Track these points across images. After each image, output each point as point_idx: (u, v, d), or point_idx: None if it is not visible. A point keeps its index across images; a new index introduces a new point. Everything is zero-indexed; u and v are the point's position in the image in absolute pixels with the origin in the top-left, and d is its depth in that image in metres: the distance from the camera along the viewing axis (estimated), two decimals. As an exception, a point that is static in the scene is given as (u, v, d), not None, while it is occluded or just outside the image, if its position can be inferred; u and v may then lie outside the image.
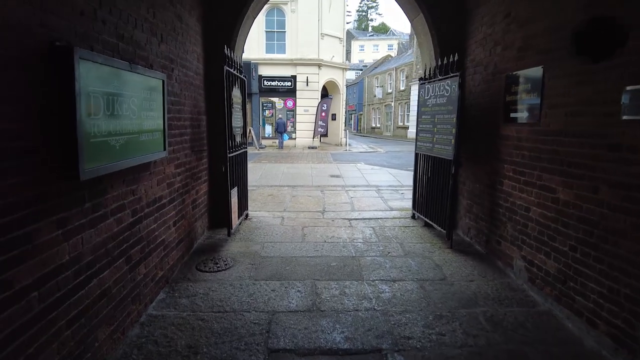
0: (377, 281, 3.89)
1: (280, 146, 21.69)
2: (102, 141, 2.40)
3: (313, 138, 22.61)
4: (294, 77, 22.22)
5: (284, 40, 22.17)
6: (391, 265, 4.31)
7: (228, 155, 4.74)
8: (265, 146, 22.34)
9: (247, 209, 6.10)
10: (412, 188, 6.33)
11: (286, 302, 3.44)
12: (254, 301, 3.44)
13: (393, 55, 53.24)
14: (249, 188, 8.52)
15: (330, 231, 5.49)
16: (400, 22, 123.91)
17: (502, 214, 4.31)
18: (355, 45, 73.49)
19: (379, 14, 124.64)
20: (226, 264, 4.29)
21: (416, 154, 6.04)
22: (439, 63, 5.19)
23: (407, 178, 10.38)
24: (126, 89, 2.74)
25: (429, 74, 5.58)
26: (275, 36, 22.23)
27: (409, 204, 7.25)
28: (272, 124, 23.18)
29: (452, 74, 4.86)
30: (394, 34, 76.61)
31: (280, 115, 22.35)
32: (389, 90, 41.05)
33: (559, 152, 3.34)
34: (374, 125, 46.03)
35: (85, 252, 2.39)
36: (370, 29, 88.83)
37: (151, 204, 3.46)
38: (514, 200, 4.09)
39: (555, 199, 3.37)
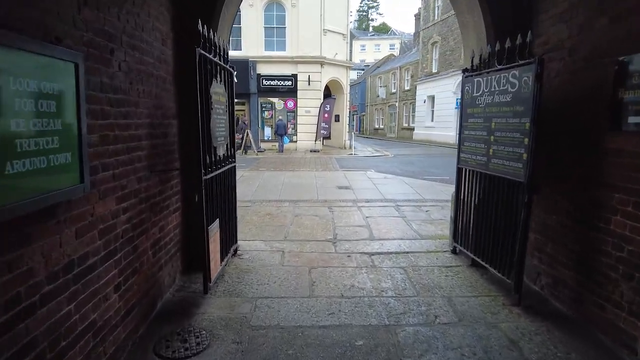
0: (432, 383, 2.46)
1: (281, 150, 20.26)
2: None
3: (315, 141, 21.17)
4: (295, 76, 20.80)
5: (284, 37, 20.75)
6: (445, 344, 2.88)
7: (204, 177, 3.30)
8: (265, 150, 20.91)
9: (236, 242, 4.66)
10: (441, 207, 4.90)
11: None
12: None
13: (396, 55, 51.93)
14: (243, 204, 7.10)
15: (347, 275, 4.06)
16: (401, 22, 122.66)
17: (612, 266, 2.88)
18: (356, 45, 72.26)
19: (380, 14, 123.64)
20: (199, 343, 2.86)
21: (459, 169, 4.61)
22: (497, 48, 3.76)
23: (427, 190, 8.95)
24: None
25: (479, 63, 4.16)
26: (275, 32, 20.82)
27: (441, 228, 5.82)
28: (271, 125, 21.76)
29: (521, 62, 3.43)
30: (395, 34, 75.45)
31: (280, 117, 20.93)
32: (393, 90, 39.66)
33: None
34: (377, 126, 44.63)
35: None
36: (371, 29, 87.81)
37: (62, 272, 2.05)
38: (636, 250, 2.66)
39: None
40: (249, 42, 20.50)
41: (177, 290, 3.72)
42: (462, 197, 4.60)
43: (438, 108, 30.02)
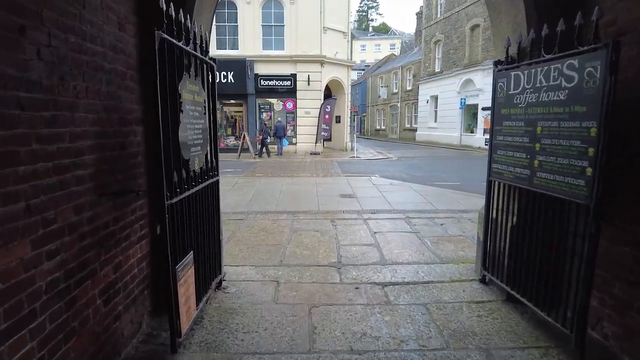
0: None
1: (279, 152, 19.48)
2: None
3: (316, 143, 20.39)
4: (294, 75, 20.02)
5: (283, 35, 19.98)
6: None
7: (169, 201, 2.51)
8: (263, 152, 20.11)
9: (221, 272, 3.86)
10: (457, 220, 4.12)
11: None
12: None
13: (397, 55, 51.22)
14: (236, 217, 6.34)
15: (356, 318, 3.26)
16: (401, 22, 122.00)
17: None
18: (356, 45, 71.66)
19: (380, 14, 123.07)
20: None
21: (491, 182, 3.82)
22: (545, 33, 2.98)
23: (439, 199, 8.16)
24: None
25: (518, 54, 3.37)
26: (273, 30, 20.05)
27: (462, 248, 5.04)
28: (270, 127, 20.95)
29: (583, 49, 2.65)
30: (395, 34, 74.78)
31: (279, 118, 20.15)
32: (395, 91, 38.89)
33: None
34: (378, 127, 43.85)
35: None
36: (370, 29, 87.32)
37: None
38: None
39: None
40: (246, 40, 19.74)
41: (142, 341, 2.93)
42: (493, 215, 3.81)
43: (441, 108, 29.25)
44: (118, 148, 2.71)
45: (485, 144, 23.96)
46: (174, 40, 2.58)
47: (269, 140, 18.27)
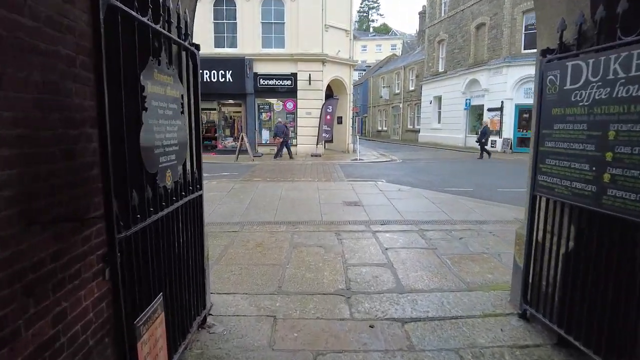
0: None
1: (279, 154, 18.80)
2: None
3: (317, 145, 19.71)
4: (295, 75, 19.35)
5: (283, 33, 19.33)
6: None
7: (120, 235, 1.83)
8: (262, 154, 19.45)
9: (205, 307, 3.17)
10: (476, 233, 3.45)
11: None
12: None
13: (398, 55, 50.66)
14: (230, 229, 5.68)
15: (374, 371, 2.58)
16: (402, 23, 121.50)
17: None
18: (357, 45, 71.04)
19: (380, 15, 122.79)
20: None
21: (535, 197, 3.13)
22: (622, 8, 2.30)
23: (453, 207, 7.47)
24: None
25: (578, 38, 2.68)
26: (273, 28, 19.39)
27: (489, 269, 4.36)
28: (269, 128, 20.31)
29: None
30: (395, 35, 74.30)
31: (279, 119, 19.47)
32: (397, 91, 38.25)
33: None
34: (379, 128, 43.19)
35: None
36: (371, 29, 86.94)
37: None
38: None
39: None
40: (245, 38, 19.08)
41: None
42: (538, 238, 3.13)
43: (445, 109, 28.60)
44: (61, 158, 2.01)
45: (492, 146, 23.32)
46: (133, 12, 1.90)
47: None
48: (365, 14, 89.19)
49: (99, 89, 2.29)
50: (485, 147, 19.40)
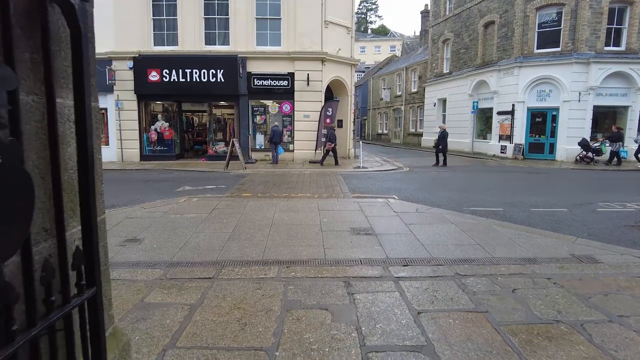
0: None
1: (275, 160, 17.30)
2: None
3: (315, 150, 18.21)
4: (292, 74, 17.87)
5: (279, 30, 17.85)
6: None
7: None
8: (256, 160, 17.95)
9: None
10: (531, 280, 1.93)
11: None
12: None
13: (398, 56, 49.39)
14: (201, 274, 4.20)
15: None
16: (400, 25, 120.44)
17: None
18: (355, 47, 70.11)
19: (379, 16, 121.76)
20: None
21: None
22: None
23: (487, 236, 5.98)
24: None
25: None
26: (268, 24, 17.91)
27: (578, 355, 2.84)
28: (264, 132, 18.80)
29: None
30: (394, 36, 73.27)
31: (275, 123, 17.97)
32: (398, 93, 36.87)
33: None
34: (380, 131, 41.78)
35: None
36: (369, 31, 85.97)
37: None
38: None
39: None
40: (238, 35, 17.59)
41: None
42: None
43: (450, 112, 27.20)
44: None
45: (501, 152, 21.91)
46: None
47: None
48: (363, 16, 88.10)
49: None
50: (444, 153, 17.58)
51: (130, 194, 9.63)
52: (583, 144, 18.05)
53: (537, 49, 20.14)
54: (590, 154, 17.92)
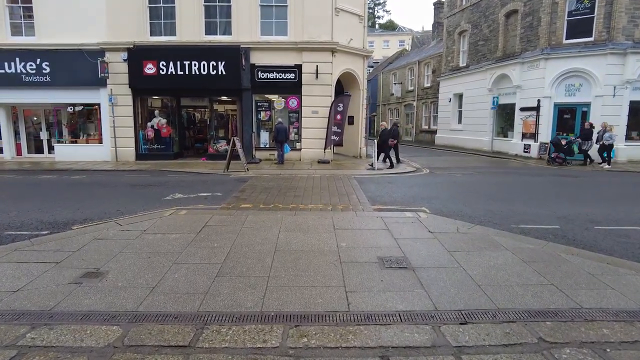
0: None
1: (280, 160, 15.89)
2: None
3: (325, 149, 16.76)
4: (299, 67, 16.40)
5: (286, 18, 16.37)
6: None
7: None
8: (260, 160, 16.56)
9: None
10: None
11: None
12: None
13: (408, 50, 47.66)
14: (174, 338, 2.77)
15: None
16: (408, 19, 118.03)
17: None
18: (364, 40, 68.49)
19: (387, 11, 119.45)
20: None
21: None
22: None
23: (559, 273, 4.48)
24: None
25: None
26: (274, 12, 16.45)
27: None
28: (269, 130, 17.40)
29: None
30: (402, 31, 71.59)
31: (280, 119, 16.54)
32: (410, 88, 35.19)
33: None
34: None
35: None
36: (377, 26, 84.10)
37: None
38: None
39: None
40: (241, 24, 16.16)
41: None
42: None
43: (467, 108, 25.55)
44: None
45: (525, 151, 20.30)
46: None
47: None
48: (371, 10, 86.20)
49: None
50: (388, 152, 15.72)
51: (110, 203, 8.26)
52: (555, 143, 16.71)
53: (566, 39, 18.42)
54: (561, 155, 16.66)
